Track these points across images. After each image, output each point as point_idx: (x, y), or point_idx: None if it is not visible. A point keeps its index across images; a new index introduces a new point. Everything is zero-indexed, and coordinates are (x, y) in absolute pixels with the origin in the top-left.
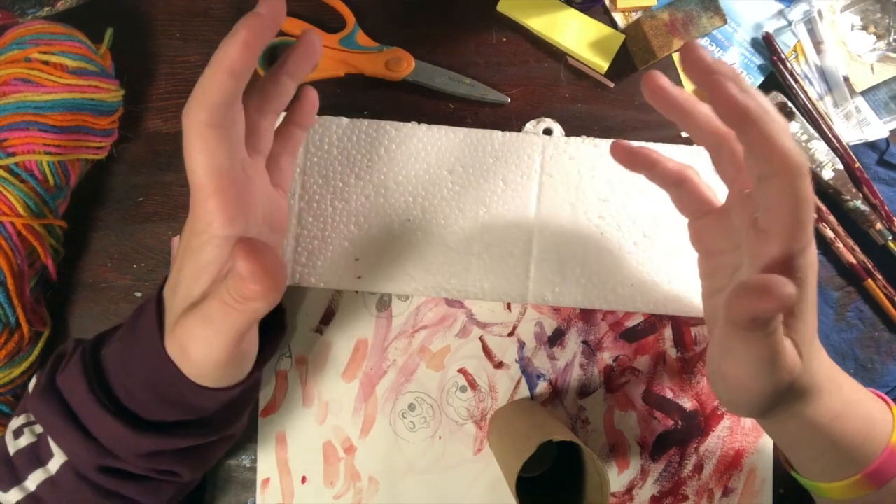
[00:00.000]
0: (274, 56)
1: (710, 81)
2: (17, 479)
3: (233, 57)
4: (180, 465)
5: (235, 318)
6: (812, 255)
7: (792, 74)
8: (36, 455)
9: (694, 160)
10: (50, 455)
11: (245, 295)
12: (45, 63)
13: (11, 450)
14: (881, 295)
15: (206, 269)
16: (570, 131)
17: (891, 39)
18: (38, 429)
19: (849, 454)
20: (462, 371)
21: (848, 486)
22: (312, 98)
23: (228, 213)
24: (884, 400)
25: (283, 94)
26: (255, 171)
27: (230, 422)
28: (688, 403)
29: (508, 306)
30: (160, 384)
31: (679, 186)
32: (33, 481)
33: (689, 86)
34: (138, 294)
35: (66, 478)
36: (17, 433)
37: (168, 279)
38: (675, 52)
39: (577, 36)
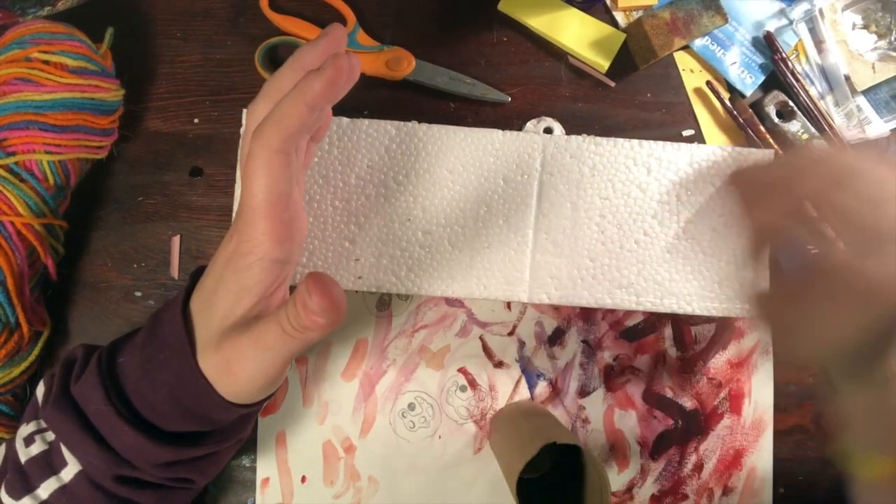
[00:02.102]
0: (274, 56)
1: None
2: (29, 488)
3: (317, 91)
4: (195, 472)
5: (292, 345)
6: None
7: (793, 73)
8: (48, 463)
9: (695, 160)
10: (63, 463)
11: (307, 326)
12: (46, 62)
13: (23, 458)
14: None
15: (251, 289)
16: (571, 130)
17: (892, 38)
18: (50, 436)
19: None
20: (462, 370)
21: None
22: (329, 114)
23: (279, 237)
24: None
25: (322, 116)
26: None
27: (244, 428)
28: (688, 403)
29: (508, 305)
30: (186, 398)
31: None
32: (46, 489)
33: (690, 85)
34: (138, 294)
35: (81, 486)
36: (28, 441)
37: (197, 292)
38: (675, 51)
39: (578, 35)
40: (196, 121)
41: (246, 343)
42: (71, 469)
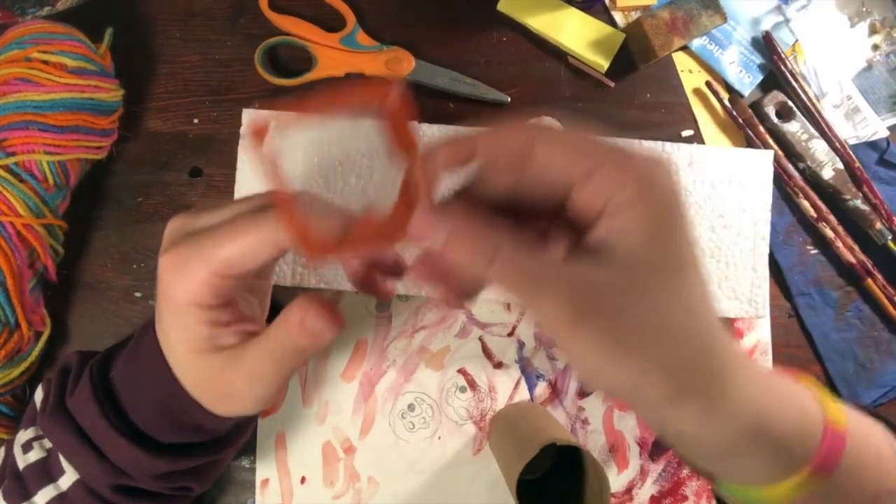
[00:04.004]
0: (274, 56)
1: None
2: (26, 495)
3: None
4: (193, 480)
5: (287, 367)
6: None
7: (792, 73)
8: (46, 471)
9: (694, 160)
10: (61, 472)
11: (305, 348)
12: (45, 62)
13: (21, 464)
14: (881, 294)
15: (198, 336)
16: None
17: (892, 37)
18: (48, 443)
19: (788, 447)
20: (462, 371)
21: (796, 484)
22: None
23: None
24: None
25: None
26: None
27: (242, 434)
28: None
29: (508, 306)
30: (176, 412)
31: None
32: (42, 497)
33: (689, 86)
34: (138, 294)
35: (78, 495)
36: (27, 447)
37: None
38: (675, 51)
39: (578, 35)
40: (196, 121)
41: (238, 380)
42: (69, 478)
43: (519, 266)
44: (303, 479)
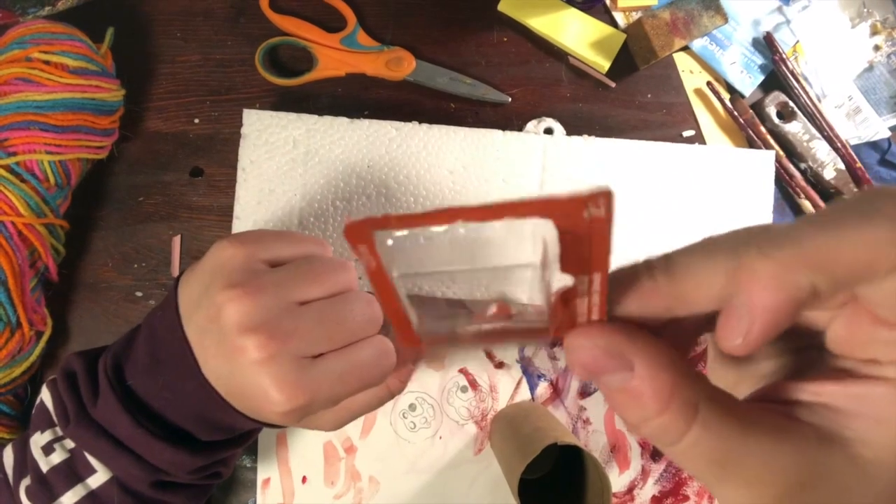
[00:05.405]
0: (275, 56)
1: None
2: (52, 496)
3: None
4: (224, 467)
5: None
6: None
7: (793, 74)
8: (72, 471)
9: (695, 160)
10: (90, 471)
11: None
12: (46, 62)
13: (44, 467)
14: None
15: None
16: (571, 131)
17: (893, 38)
18: (70, 444)
19: None
20: (463, 371)
21: None
22: None
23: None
24: None
25: None
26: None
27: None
28: None
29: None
30: (216, 419)
31: None
32: (70, 498)
33: (690, 86)
34: (139, 294)
35: (112, 493)
36: (48, 450)
37: (188, 324)
38: (676, 51)
39: (578, 35)
40: (196, 121)
41: (324, 422)
42: (100, 476)
43: (724, 431)
44: (304, 479)
